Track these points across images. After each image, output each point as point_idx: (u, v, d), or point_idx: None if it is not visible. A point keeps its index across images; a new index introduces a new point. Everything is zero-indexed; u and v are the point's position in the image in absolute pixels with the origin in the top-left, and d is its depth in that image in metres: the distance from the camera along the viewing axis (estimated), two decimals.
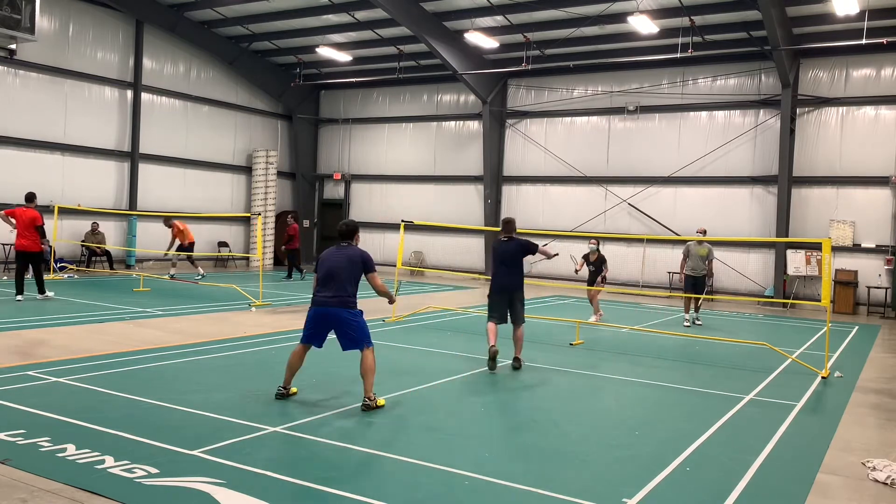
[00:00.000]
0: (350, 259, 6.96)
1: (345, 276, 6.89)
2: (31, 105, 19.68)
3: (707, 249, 14.32)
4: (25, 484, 4.65)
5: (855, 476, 5.58)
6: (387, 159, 26.67)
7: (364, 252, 7.12)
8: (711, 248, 14.41)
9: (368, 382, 6.84)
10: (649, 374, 9.26)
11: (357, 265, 6.97)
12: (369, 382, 6.84)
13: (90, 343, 9.56)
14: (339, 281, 6.87)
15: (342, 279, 6.88)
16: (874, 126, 19.03)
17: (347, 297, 6.89)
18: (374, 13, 20.80)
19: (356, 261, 6.97)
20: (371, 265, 7.04)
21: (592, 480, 5.25)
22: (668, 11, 18.62)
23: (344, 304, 6.87)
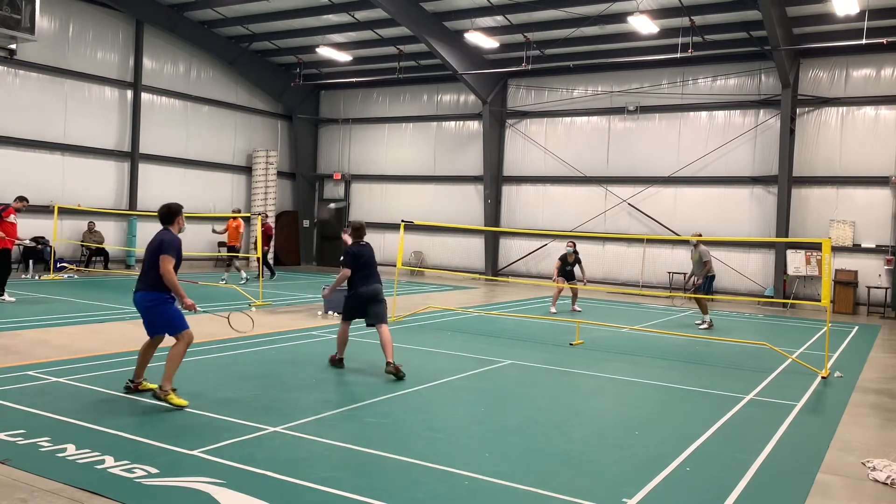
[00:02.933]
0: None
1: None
2: (31, 105, 19.68)
3: (697, 255, 14.39)
4: (25, 484, 4.65)
5: (855, 476, 5.58)
6: (387, 159, 26.67)
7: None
8: (702, 251, 14.38)
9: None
10: (649, 374, 9.26)
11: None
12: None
13: (90, 343, 9.56)
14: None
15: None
16: (874, 126, 19.03)
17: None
18: (374, 13, 20.80)
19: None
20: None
21: (592, 480, 5.25)
22: (668, 11, 18.62)
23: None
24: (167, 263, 6.66)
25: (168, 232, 6.91)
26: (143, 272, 6.82)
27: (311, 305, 14.95)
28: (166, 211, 7.03)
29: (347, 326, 8.81)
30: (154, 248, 6.76)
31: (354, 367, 8.89)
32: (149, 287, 6.74)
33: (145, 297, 6.76)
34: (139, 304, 6.83)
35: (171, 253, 6.71)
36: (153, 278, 6.72)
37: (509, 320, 14.09)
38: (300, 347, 10.13)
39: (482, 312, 14.93)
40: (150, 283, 6.73)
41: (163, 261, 6.66)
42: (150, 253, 6.80)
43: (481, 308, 16.07)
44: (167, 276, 6.66)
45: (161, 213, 7.04)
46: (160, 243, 6.75)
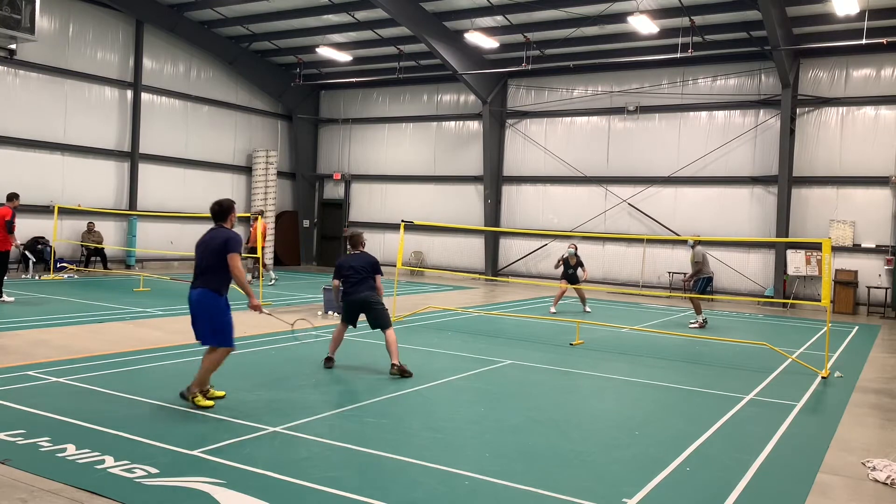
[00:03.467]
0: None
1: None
2: (31, 105, 19.68)
3: (693, 255, 14.44)
4: (25, 484, 4.65)
5: (855, 476, 5.58)
6: (387, 159, 26.66)
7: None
8: (697, 252, 14.38)
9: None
10: (649, 374, 9.26)
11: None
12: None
13: (90, 343, 9.56)
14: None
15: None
16: (874, 126, 19.03)
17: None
18: (374, 13, 20.80)
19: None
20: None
21: (592, 480, 5.25)
22: (668, 11, 18.62)
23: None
24: (238, 261, 6.50)
25: (228, 230, 6.70)
26: (202, 271, 6.59)
27: (311, 305, 14.95)
28: (218, 208, 6.85)
29: (343, 328, 8.93)
30: (218, 248, 6.51)
31: (354, 368, 8.89)
32: (210, 287, 6.55)
33: (206, 297, 6.54)
34: (196, 303, 6.60)
35: (239, 250, 6.57)
36: (215, 279, 6.53)
37: (509, 320, 14.09)
38: (300, 347, 10.13)
39: (482, 312, 14.93)
40: (212, 283, 6.54)
41: (233, 259, 6.48)
42: (210, 252, 6.55)
43: (481, 308, 16.07)
44: (239, 275, 6.51)
45: (214, 211, 6.85)
46: (226, 242, 6.51)
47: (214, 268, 6.52)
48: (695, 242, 14.45)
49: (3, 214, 13.23)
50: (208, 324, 6.58)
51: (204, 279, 6.56)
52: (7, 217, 13.22)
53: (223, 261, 6.48)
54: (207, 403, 6.58)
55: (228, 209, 6.83)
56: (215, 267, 6.51)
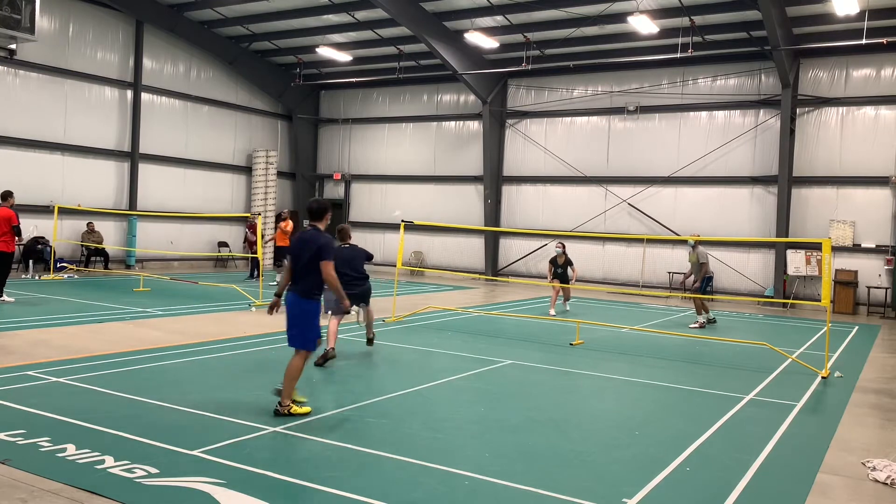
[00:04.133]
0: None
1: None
2: (31, 105, 19.68)
3: (695, 256, 14.48)
4: (25, 484, 4.65)
5: (855, 476, 5.58)
6: (387, 159, 26.66)
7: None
8: (700, 253, 14.44)
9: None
10: (649, 374, 9.26)
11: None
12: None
13: (90, 343, 9.56)
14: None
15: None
16: (874, 126, 19.03)
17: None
18: (374, 13, 20.80)
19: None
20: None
21: (592, 480, 5.25)
22: (668, 11, 18.62)
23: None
24: (331, 268, 6.51)
25: (322, 233, 6.67)
26: (297, 275, 6.59)
27: None
28: (317, 206, 6.78)
29: (338, 321, 9.25)
30: (313, 253, 6.49)
31: (354, 368, 8.89)
32: (304, 292, 6.57)
33: (300, 302, 6.56)
34: (291, 306, 6.61)
35: (332, 256, 6.57)
36: (308, 283, 6.55)
37: (509, 320, 14.09)
38: None
39: (482, 312, 14.93)
40: (307, 288, 6.56)
41: (326, 266, 6.48)
42: (307, 255, 6.52)
43: (481, 308, 16.07)
44: (332, 281, 6.55)
45: (312, 209, 6.77)
46: (320, 249, 6.48)
47: (309, 272, 6.54)
48: (696, 242, 14.47)
49: (10, 217, 13.23)
50: (296, 327, 6.61)
51: (299, 283, 6.61)
52: (15, 221, 13.25)
53: (317, 266, 6.50)
54: (304, 410, 6.54)
55: (326, 209, 6.83)
56: (309, 271, 6.53)
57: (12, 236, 13.22)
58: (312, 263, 6.48)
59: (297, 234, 6.85)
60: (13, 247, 13.40)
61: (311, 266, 6.49)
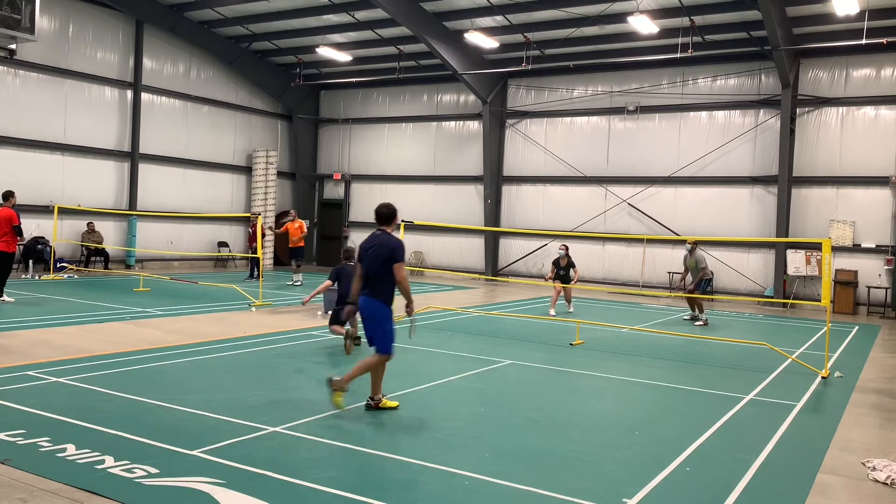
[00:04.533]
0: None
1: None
2: (31, 105, 19.68)
3: (693, 261, 14.65)
4: (25, 484, 4.65)
5: (855, 476, 5.58)
6: (387, 159, 26.67)
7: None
8: (698, 257, 14.66)
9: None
10: (649, 374, 9.26)
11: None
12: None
13: (90, 343, 9.56)
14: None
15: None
16: (874, 126, 19.03)
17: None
18: (374, 13, 20.80)
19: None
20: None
21: (592, 480, 5.25)
22: (668, 11, 18.62)
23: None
24: (403, 270, 6.58)
25: (392, 236, 6.70)
26: (369, 280, 6.64)
27: (311, 305, 14.93)
28: (387, 211, 6.78)
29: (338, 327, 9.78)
30: (384, 257, 6.54)
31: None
32: (378, 297, 6.63)
33: (372, 306, 6.65)
34: (365, 311, 6.71)
35: (403, 259, 6.63)
36: (381, 287, 6.61)
37: (509, 320, 14.09)
38: (300, 347, 10.13)
39: (482, 312, 14.93)
40: (378, 292, 6.62)
41: (399, 269, 6.55)
42: (377, 261, 6.57)
43: (481, 308, 16.07)
44: (404, 283, 6.61)
45: (382, 214, 6.78)
46: (392, 251, 6.54)
47: (381, 276, 6.60)
48: (694, 246, 14.57)
49: (11, 217, 13.21)
50: (375, 330, 6.73)
51: (371, 288, 6.67)
52: (16, 221, 13.24)
53: (389, 270, 6.56)
54: (392, 404, 6.80)
55: (395, 213, 6.86)
56: (381, 275, 6.59)
57: (13, 236, 13.21)
58: (385, 267, 6.55)
59: (366, 239, 6.82)
60: (14, 247, 13.39)
61: (384, 270, 6.56)
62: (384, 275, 6.59)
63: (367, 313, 6.74)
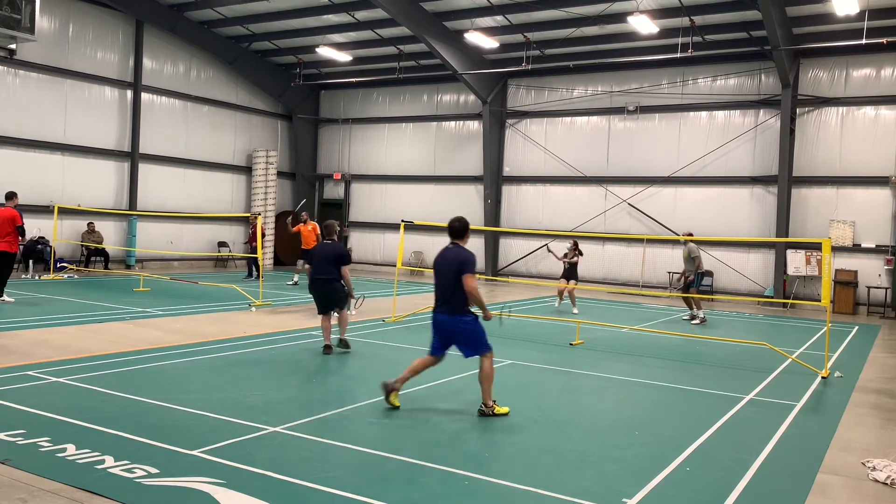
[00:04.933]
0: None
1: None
2: (31, 105, 19.68)
3: (686, 251, 14.90)
4: (25, 484, 4.65)
5: (855, 476, 5.58)
6: (387, 159, 26.67)
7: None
8: (690, 248, 14.90)
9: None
10: (649, 374, 9.26)
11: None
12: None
13: (90, 343, 9.56)
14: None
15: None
16: (874, 126, 19.03)
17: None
18: (374, 13, 20.80)
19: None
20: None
21: (592, 480, 5.25)
22: (668, 11, 18.62)
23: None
24: (473, 281, 6.68)
25: (465, 249, 6.85)
26: (444, 296, 6.78)
27: (311, 305, 14.90)
28: (459, 225, 6.96)
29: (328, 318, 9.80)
30: (455, 270, 6.68)
31: (354, 368, 8.89)
32: (454, 311, 6.75)
33: (453, 322, 6.77)
34: (448, 330, 6.84)
35: (474, 271, 6.74)
36: (456, 301, 6.73)
37: (509, 320, 14.06)
38: (300, 347, 10.13)
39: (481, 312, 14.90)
40: (455, 307, 6.75)
41: (468, 280, 6.65)
42: (449, 275, 6.72)
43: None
44: (474, 293, 6.69)
45: (455, 228, 6.96)
46: (462, 263, 6.68)
47: (454, 290, 6.72)
48: (686, 241, 14.79)
49: (15, 217, 13.20)
50: (473, 342, 6.84)
51: (447, 304, 6.78)
52: (19, 221, 13.24)
53: (461, 282, 6.68)
54: (504, 410, 6.81)
55: (467, 227, 7.00)
56: (455, 289, 6.72)
57: (16, 236, 13.23)
58: (458, 281, 6.68)
59: (439, 254, 6.98)
60: (16, 247, 13.40)
61: (458, 283, 6.68)
62: (458, 288, 6.70)
63: (450, 330, 6.84)
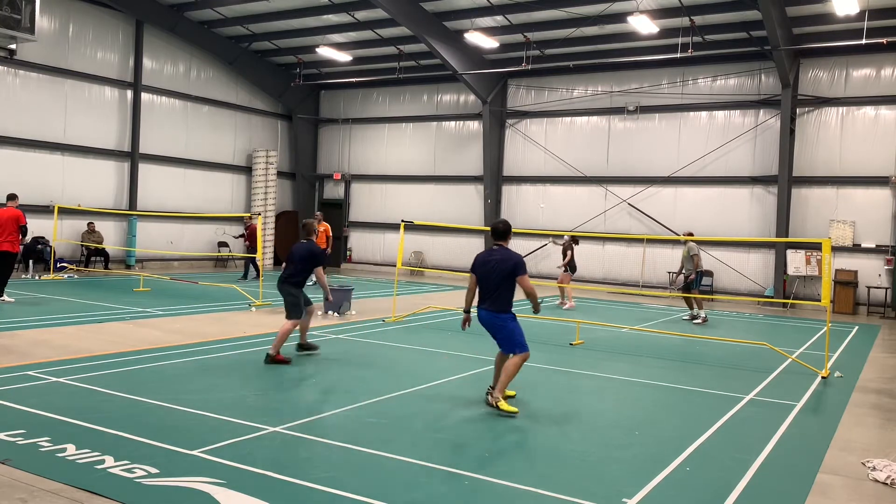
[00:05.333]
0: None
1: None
2: (31, 105, 19.68)
3: (686, 249, 14.99)
4: (25, 484, 4.65)
5: (855, 476, 5.58)
6: (387, 159, 26.67)
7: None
8: (690, 246, 14.96)
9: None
10: (649, 374, 9.26)
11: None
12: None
13: (90, 343, 9.56)
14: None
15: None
16: (874, 126, 19.03)
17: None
18: (374, 13, 20.80)
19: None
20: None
21: (592, 480, 5.25)
22: (668, 11, 18.62)
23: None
24: (529, 281, 7.11)
25: (512, 251, 7.21)
26: (490, 294, 7.06)
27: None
28: (503, 227, 7.34)
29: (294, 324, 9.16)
30: (508, 271, 7.00)
31: (354, 368, 8.89)
32: (500, 309, 7.06)
33: (497, 318, 7.09)
34: (490, 324, 7.14)
35: (526, 271, 7.11)
36: (503, 300, 7.04)
37: None
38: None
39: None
40: (501, 304, 7.05)
41: (525, 280, 7.03)
42: (499, 275, 7.01)
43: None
44: (533, 292, 7.17)
45: (499, 230, 7.32)
46: (515, 266, 7.03)
47: (503, 289, 7.05)
48: (687, 239, 14.87)
49: (18, 217, 13.20)
50: (506, 339, 7.13)
51: (491, 301, 7.08)
52: (22, 221, 13.24)
53: (513, 283, 7.06)
54: (511, 409, 6.86)
55: (510, 229, 7.43)
56: (504, 289, 7.05)
57: (17, 237, 13.24)
58: (506, 281, 7.02)
59: (483, 254, 7.28)
60: (18, 247, 13.43)
61: (505, 284, 7.02)
62: (505, 288, 7.04)
63: (491, 324, 7.13)
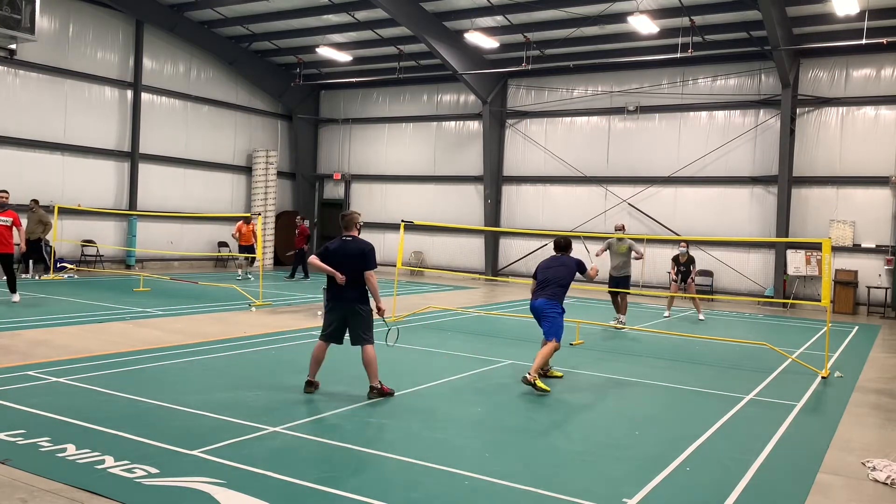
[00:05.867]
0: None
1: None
2: (31, 105, 19.68)
3: (627, 245, 13.85)
4: (25, 484, 4.65)
5: (855, 476, 5.58)
6: (387, 159, 26.67)
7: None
8: (633, 243, 13.97)
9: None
10: (649, 374, 9.26)
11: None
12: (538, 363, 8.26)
13: (90, 343, 9.56)
14: None
15: None
16: (874, 126, 19.03)
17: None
18: (374, 13, 20.80)
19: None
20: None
21: (592, 480, 5.25)
22: (668, 11, 18.62)
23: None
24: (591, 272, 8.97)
25: (572, 257, 8.81)
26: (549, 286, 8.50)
27: (311, 305, 14.94)
28: (564, 241, 8.90)
29: (325, 346, 7.50)
30: (571, 267, 8.67)
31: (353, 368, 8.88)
32: (554, 298, 8.45)
33: (551, 306, 8.42)
34: (542, 310, 8.45)
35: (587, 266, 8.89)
36: (560, 292, 8.52)
37: (509, 320, 14.08)
38: (300, 347, 10.12)
39: (482, 312, 14.93)
40: (557, 295, 8.48)
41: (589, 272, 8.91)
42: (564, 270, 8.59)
43: (481, 308, 16.07)
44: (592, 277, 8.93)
45: (561, 244, 8.86)
46: (578, 262, 8.75)
47: (563, 283, 8.57)
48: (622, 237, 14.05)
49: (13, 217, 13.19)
50: (550, 325, 8.37)
51: (549, 291, 8.50)
52: (18, 224, 13.23)
53: (572, 277, 8.65)
54: (545, 387, 7.81)
55: (571, 243, 9.00)
56: (564, 282, 8.57)
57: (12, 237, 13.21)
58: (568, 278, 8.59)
59: (548, 260, 8.87)
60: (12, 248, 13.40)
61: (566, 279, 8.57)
62: (567, 282, 8.57)
63: (544, 310, 8.40)
